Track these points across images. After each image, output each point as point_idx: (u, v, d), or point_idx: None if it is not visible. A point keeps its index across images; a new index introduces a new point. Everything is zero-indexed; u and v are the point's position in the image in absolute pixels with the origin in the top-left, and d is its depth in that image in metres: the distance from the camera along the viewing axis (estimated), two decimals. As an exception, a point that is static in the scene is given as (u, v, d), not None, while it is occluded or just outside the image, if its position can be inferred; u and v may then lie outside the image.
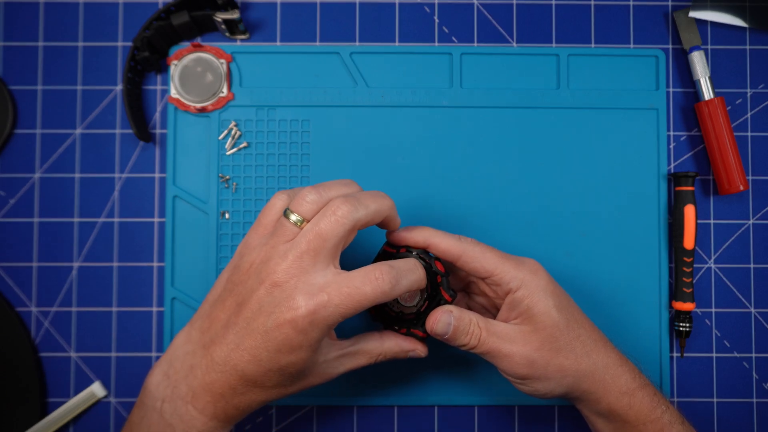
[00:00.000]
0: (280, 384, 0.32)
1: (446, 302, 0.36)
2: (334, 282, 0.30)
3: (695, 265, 0.46)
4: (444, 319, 0.34)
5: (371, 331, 0.37)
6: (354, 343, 0.36)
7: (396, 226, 0.36)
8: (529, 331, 0.35)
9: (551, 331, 0.35)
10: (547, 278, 0.36)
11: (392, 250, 0.37)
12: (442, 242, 0.36)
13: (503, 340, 0.34)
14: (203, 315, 0.34)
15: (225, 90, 0.44)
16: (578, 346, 0.35)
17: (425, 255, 0.36)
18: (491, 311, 0.40)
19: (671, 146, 0.46)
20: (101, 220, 0.45)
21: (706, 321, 0.45)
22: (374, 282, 0.31)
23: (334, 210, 0.31)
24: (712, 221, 0.46)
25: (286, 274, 0.30)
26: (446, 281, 0.36)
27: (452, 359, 0.44)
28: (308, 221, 0.32)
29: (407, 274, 0.33)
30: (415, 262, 0.34)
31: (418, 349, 0.37)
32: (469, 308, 0.41)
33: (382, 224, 0.35)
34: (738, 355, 0.45)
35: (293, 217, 0.32)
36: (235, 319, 0.31)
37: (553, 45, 0.46)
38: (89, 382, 0.44)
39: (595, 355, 0.36)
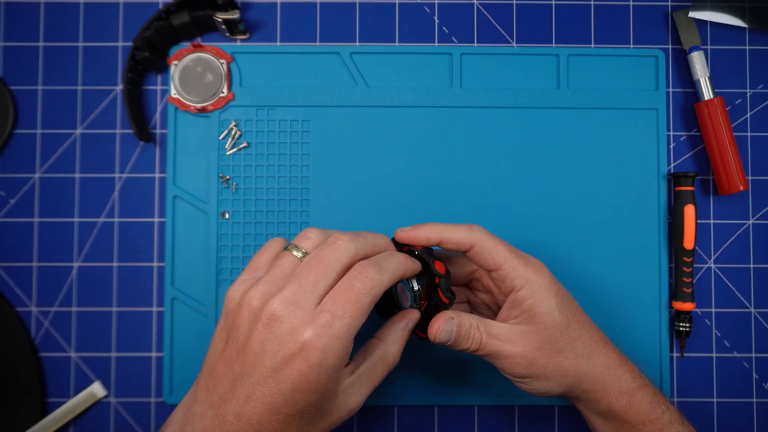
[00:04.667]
0: (303, 425, 0.30)
1: (444, 304, 0.35)
2: (327, 298, 0.29)
3: (695, 265, 0.46)
4: (446, 327, 0.34)
5: (366, 342, 0.35)
6: (361, 360, 0.33)
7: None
8: (530, 331, 0.34)
9: (552, 331, 0.34)
10: (550, 279, 0.36)
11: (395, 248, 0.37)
12: (454, 235, 0.35)
13: (503, 342, 0.34)
14: (207, 372, 0.31)
15: (225, 90, 0.44)
16: (579, 347, 0.35)
17: (427, 255, 0.36)
18: (492, 308, 0.40)
19: (671, 146, 0.46)
20: (101, 220, 0.45)
21: (706, 321, 0.46)
22: (360, 276, 0.30)
23: (335, 240, 0.31)
24: (712, 221, 0.46)
25: (285, 304, 0.29)
26: (445, 283, 0.36)
27: (452, 360, 0.44)
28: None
29: (387, 257, 0.32)
30: (392, 251, 0.34)
31: (412, 319, 0.35)
32: (471, 304, 0.41)
33: None
34: (738, 355, 0.45)
35: (297, 252, 0.31)
36: (240, 368, 0.29)
37: (553, 45, 0.46)
38: (89, 382, 0.44)
39: (595, 356, 0.35)
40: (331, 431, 0.32)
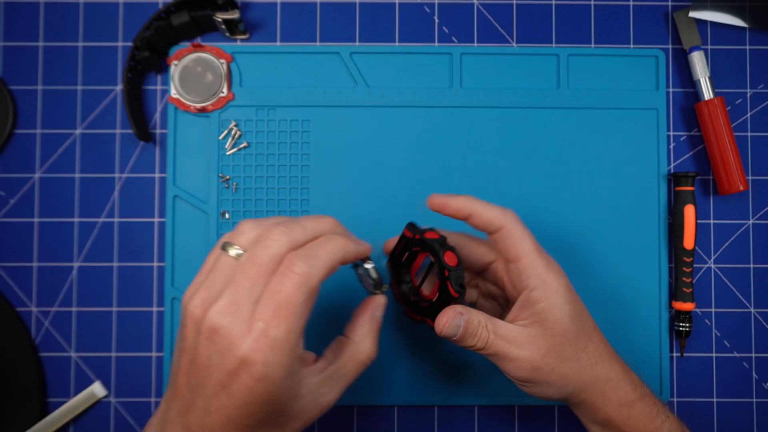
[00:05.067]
0: (271, 430, 0.29)
1: (453, 298, 0.35)
2: (259, 304, 0.27)
3: (695, 265, 0.46)
4: (454, 321, 0.33)
5: (335, 338, 0.34)
6: (332, 359, 0.32)
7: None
8: (538, 336, 0.34)
9: (560, 339, 0.34)
10: (567, 285, 0.35)
11: (409, 235, 0.36)
12: (485, 212, 0.34)
13: (510, 344, 0.33)
14: (172, 381, 0.30)
15: (225, 90, 0.44)
16: (584, 358, 0.34)
17: (438, 245, 0.34)
18: (499, 301, 0.39)
19: (671, 146, 0.46)
20: (101, 220, 0.45)
21: (706, 321, 0.46)
22: (288, 272, 0.28)
23: (268, 235, 0.29)
24: (712, 221, 0.46)
25: (222, 315, 0.27)
26: (455, 276, 0.34)
27: (452, 359, 0.44)
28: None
29: (319, 244, 0.29)
30: (328, 235, 0.30)
31: (378, 306, 0.34)
32: (480, 290, 0.40)
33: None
34: (738, 355, 0.45)
35: (233, 251, 0.29)
36: (195, 380, 0.28)
37: (553, 45, 0.46)
38: (89, 382, 0.44)
39: (599, 368, 0.35)
40: (305, 429, 0.31)
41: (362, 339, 0.33)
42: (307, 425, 0.31)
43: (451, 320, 0.33)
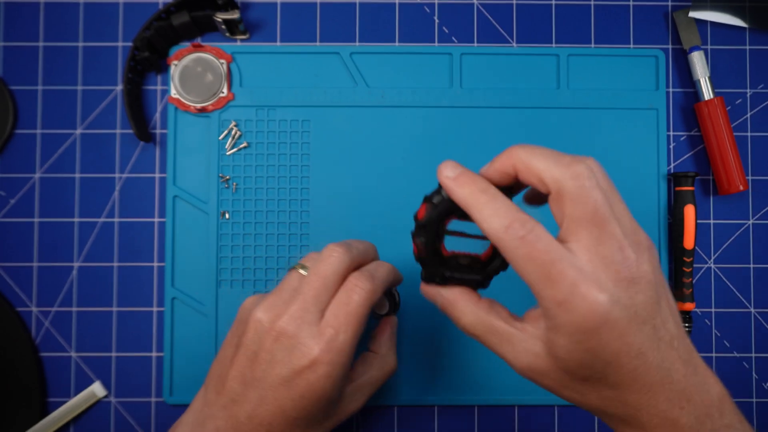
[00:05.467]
0: (308, 427, 0.32)
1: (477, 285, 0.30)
2: (329, 312, 0.31)
3: (695, 265, 0.46)
4: (432, 298, 0.30)
5: (362, 354, 0.37)
6: (363, 371, 0.36)
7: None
8: (536, 356, 0.27)
9: (561, 375, 0.27)
10: (589, 328, 0.24)
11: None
12: (483, 220, 0.27)
13: (504, 343, 0.28)
14: (215, 375, 0.33)
15: (225, 90, 0.44)
16: (593, 397, 0.27)
17: (413, 232, 0.30)
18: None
19: (671, 146, 0.46)
20: (101, 220, 0.45)
21: (706, 321, 0.46)
22: (356, 288, 0.32)
23: (330, 252, 0.33)
24: (711, 221, 0.46)
25: (291, 320, 0.31)
26: (423, 264, 0.30)
27: (452, 358, 0.44)
28: None
29: (378, 267, 0.34)
30: (381, 261, 0.35)
31: (394, 325, 0.38)
32: None
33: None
34: (738, 355, 0.45)
35: (301, 269, 0.33)
36: (251, 374, 0.31)
37: (553, 45, 0.46)
38: (89, 382, 0.44)
39: (615, 410, 0.27)
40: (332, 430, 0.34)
41: (387, 353, 0.37)
42: (336, 426, 0.34)
43: (428, 293, 0.31)
